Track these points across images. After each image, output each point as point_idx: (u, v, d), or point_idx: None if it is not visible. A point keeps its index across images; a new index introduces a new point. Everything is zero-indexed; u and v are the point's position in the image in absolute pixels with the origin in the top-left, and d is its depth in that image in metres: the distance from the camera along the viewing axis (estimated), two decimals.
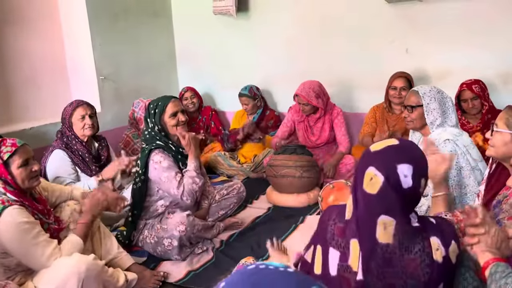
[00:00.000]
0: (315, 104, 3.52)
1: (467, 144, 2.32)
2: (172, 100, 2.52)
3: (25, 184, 1.86)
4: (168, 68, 4.77)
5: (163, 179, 2.43)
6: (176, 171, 2.43)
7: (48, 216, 1.98)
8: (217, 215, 2.84)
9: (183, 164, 2.52)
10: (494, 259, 1.19)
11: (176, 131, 2.49)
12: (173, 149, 2.50)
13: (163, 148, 2.47)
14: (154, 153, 2.45)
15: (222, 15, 4.27)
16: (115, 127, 3.97)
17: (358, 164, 1.29)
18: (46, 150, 2.80)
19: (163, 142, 2.49)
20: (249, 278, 0.69)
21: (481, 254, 1.23)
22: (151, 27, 4.46)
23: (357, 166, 1.29)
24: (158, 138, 2.49)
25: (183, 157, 2.53)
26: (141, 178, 2.49)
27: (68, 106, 2.84)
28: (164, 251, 2.42)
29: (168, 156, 2.46)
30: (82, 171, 2.78)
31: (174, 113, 2.48)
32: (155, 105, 2.51)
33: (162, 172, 2.42)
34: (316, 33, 4.00)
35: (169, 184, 2.41)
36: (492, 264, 1.18)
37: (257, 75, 4.27)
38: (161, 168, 2.42)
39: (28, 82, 3.62)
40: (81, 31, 3.79)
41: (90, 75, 3.87)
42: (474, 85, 3.14)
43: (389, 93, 3.49)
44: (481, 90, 3.15)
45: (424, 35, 3.55)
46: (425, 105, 2.34)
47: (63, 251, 1.87)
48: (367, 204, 1.22)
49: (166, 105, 2.49)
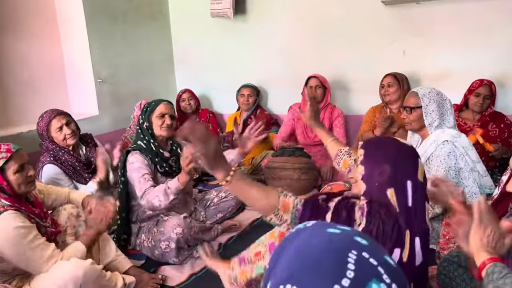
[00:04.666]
0: (327, 86, 3.66)
1: (466, 145, 2.32)
2: (165, 103, 2.57)
3: (21, 189, 1.85)
4: (166, 70, 4.77)
5: (131, 180, 2.46)
6: (144, 173, 2.42)
7: (45, 220, 1.97)
8: (215, 218, 2.84)
9: (161, 167, 2.53)
10: (490, 259, 1.18)
11: (161, 131, 2.52)
12: (153, 149, 2.52)
13: (141, 150, 2.49)
14: (130, 154, 2.49)
15: (220, 17, 4.28)
16: (113, 130, 3.97)
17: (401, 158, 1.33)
18: (37, 165, 2.68)
19: (146, 142, 2.51)
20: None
21: (477, 254, 1.22)
22: (149, 30, 4.46)
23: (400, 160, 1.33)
24: (142, 137, 2.53)
25: (161, 160, 2.53)
26: (121, 179, 2.51)
27: (41, 121, 2.68)
28: (162, 254, 2.42)
29: (142, 158, 2.46)
30: (76, 180, 2.72)
31: (161, 114, 2.52)
32: (148, 104, 2.59)
33: (132, 172, 2.45)
34: (313, 35, 4.00)
35: (136, 185, 2.42)
36: (489, 264, 1.17)
37: (254, 77, 4.28)
38: (132, 169, 2.45)
39: (26, 85, 3.62)
40: (78, 34, 3.79)
41: (88, 78, 3.87)
42: (493, 85, 3.17)
43: (381, 93, 3.53)
44: (495, 91, 3.18)
45: (421, 37, 3.55)
46: (424, 107, 2.34)
47: (65, 255, 1.87)
48: (422, 193, 1.31)
49: (157, 105, 2.55)
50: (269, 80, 4.32)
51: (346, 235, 0.68)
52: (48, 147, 2.69)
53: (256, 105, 4.19)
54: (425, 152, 2.38)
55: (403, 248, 1.22)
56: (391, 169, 1.28)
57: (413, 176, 1.29)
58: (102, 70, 3.93)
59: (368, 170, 1.32)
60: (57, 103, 3.50)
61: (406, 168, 1.30)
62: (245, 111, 4.17)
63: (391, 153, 1.32)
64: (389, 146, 1.35)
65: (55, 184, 2.53)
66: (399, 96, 3.41)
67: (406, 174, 1.29)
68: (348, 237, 0.68)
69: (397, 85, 3.44)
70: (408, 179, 1.28)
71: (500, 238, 1.24)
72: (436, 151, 2.32)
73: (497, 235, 1.23)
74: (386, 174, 1.28)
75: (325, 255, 0.63)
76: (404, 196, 1.27)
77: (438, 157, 2.30)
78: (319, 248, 0.65)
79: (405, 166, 1.30)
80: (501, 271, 1.14)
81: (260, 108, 4.24)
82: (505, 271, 1.13)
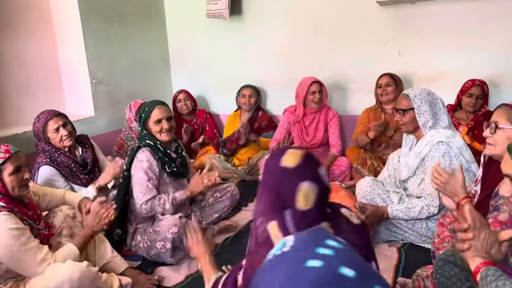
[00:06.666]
0: (325, 90, 3.64)
1: (460, 145, 2.33)
2: (158, 107, 2.49)
3: (15, 192, 1.85)
4: (162, 71, 4.76)
5: (135, 178, 2.44)
6: (150, 177, 2.42)
7: (38, 222, 1.96)
8: (211, 218, 2.84)
9: (169, 167, 2.52)
10: (484, 263, 1.19)
11: (161, 137, 2.49)
12: (161, 149, 2.49)
13: (152, 148, 2.47)
14: (141, 151, 2.47)
15: (216, 18, 4.28)
16: (109, 131, 3.96)
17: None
18: (33, 166, 2.68)
19: (153, 142, 2.49)
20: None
21: (472, 259, 1.23)
22: (145, 31, 4.45)
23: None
24: (147, 138, 2.50)
25: (170, 160, 2.53)
26: (125, 174, 2.49)
27: (37, 122, 2.66)
28: (158, 254, 2.41)
29: (153, 158, 2.45)
30: (72, 182, 2.71)
31: (158, 120, 2.46)
32: (142, 110, 2.52)
33: (137, 171, 2.43)
34: (309, 35, 4.01)
35: (138, 186, 2.42)
36: (483, 268, 1.18)
37: (250, 78, 4.28)
38: (139, 167, 2.43)
39: (21, 86, 3.60)
40: (74, 35, 3.78)
41: (84, 78, 3.85)
42: (485, 85, 3.18)
43: (377, 93, 3.52)
44: (487, 91, 3.20)
45: (416, 38, 3.56)
46: (416, 108, 2.36)
47: (57, 257, 1.86)
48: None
49: (151, 111, 2.48)
50: (265, 80, 4.33)
51: (329, 269, 0.58)
52: (44, 148, 2.67)
53: (257, 106, 4.19)
54: (420, 152, 2.39)
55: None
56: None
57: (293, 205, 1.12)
58: (98, 70, 3.91)
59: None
60: (52, 104, 3.49)
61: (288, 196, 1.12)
62: (246, 111, 4.18)
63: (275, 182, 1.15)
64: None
65: (51, 185, 2.53)
66: (395, 96, 3.42)
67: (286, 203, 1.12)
68: (332, 271, 0.58)
69: (395, 85, 3.45)
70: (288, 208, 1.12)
71: (494, 243, 1.24)
72: (431, 152, 2.34)
73: (491, 240, 1.24)
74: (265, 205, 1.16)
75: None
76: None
77: (433, 158, 2.32)
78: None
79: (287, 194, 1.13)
80: (494, 274, 1.14)
81: (262, 110, 4.24)
82: (497, 273, 1.14)
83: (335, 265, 0.59)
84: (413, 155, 2.44)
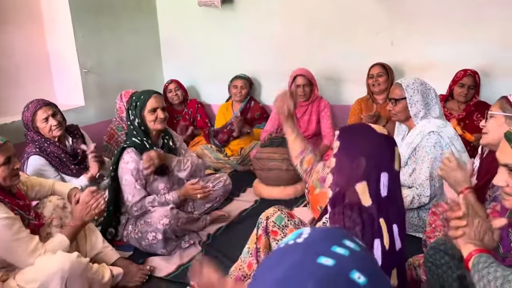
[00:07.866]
0: (315, 83, 3.61)
1: (451, 135, 2.34)
2: (154, 96, 2.49)
3: (6, 182, 1.82)
4: (153, 61, 4.71)
5: (123, 181, 2.43)
6: (137, 179, 2.42)
7: (28, 212, 1.94)
8: (203, 208, 2.83)
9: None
10: (476, 251, 1.19)
11: (155, 126, 2.48)
12: (148, 147, 2.47)
13: (137, 147, 2.45)
14: (126, 152, 2.45)
15: (207, 7, 4.23)
16: (99, 121, 3.92)
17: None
18: (22, 156, 2.64)
19: (140, 139, 2.47)
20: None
21: (464, 246, 1.23)
22: (135, 20, 4.39)
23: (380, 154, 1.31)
24: (136, 134, 2.48)
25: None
26: (112, 175, 2.49)
27: (26, 111, 2.61)
28: (149, 245, 2.41)
29: (138, 158, 2.43)
30: (62, 172, 2.68)
31: (153, 109, 2.45)
32: (137, 98, 2.49)
33: (125, 174, 2.42)
34: (302, 25, 3.98)
35: (127, 188, 2.42)
36: (475, 255, 1.18)
37: (242, 68, 4.25)
38: (126, 169, 2.42)
39: (10, 76, 3.53)
40: (63, 25, 3.71)
41: (73, 68, 3.79)
42: (477, 75, 3.20)
43: (369, 83, 3.52)
44: (479, 81, 3.21)
45: (409, 28, 3.56)
46: (408, 98, 2.36)
47: (47, 248, 1.84)
48: (397, 181, 1.31)
49: (147, 99, 2.46)
50: (258, 70, 4.30)
51: (340, 271, 0.56)
52: (33, 138, 2.63)
53: (249, 97, 4.17)
54: (411, 142, 2.40)
55: (382, 238, 1.23)
56: (366, 163, 1.25)
57: (389, 167, 1.28)
58: (88, 60, 3.86)
59: (339, 163, 1.30)
60: (42, 94, 3.42)
61: (382, 160, 1.27)
62: (238, 102, 4.15)
63: (367, 146, 1.29)
64: (365, 138, 1.32)
65: (40, 175, 2.50)
66: (387, 86, 3.42)
67: (381, 166, 1.26)
68: (342, 275, 0.55)
69: (386, 75, 3.45)
70: (384, 171, 1.27)
71: (487, 231, 1.25)
72: (422, 142, 2.34)
73: (484, 228, 1.25)
74: (361, 167, 1.25)
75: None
76: (377, 188, 1.25)
77: (424, 148, 2.32)
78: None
79: (381, 158, 1.28)
80: (486, 260, 1.15)
81: (254, 100, 4.22)
82: (489, 261, 1.14)
83: (347, 268, 0.56)
84: (405, 145, 2.44)
